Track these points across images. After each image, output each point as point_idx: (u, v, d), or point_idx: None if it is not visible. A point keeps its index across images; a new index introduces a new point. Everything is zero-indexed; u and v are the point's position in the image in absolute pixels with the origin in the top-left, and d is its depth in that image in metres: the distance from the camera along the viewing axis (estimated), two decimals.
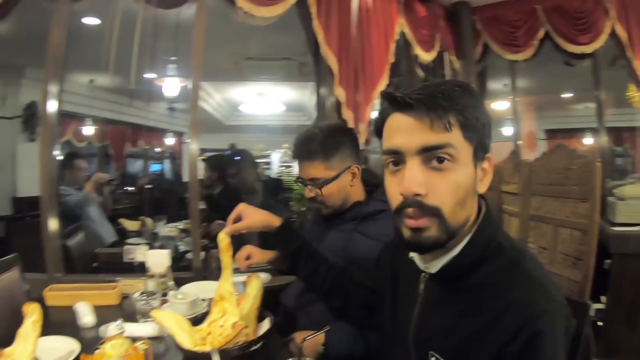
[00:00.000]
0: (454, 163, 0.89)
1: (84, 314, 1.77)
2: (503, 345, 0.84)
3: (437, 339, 0.95)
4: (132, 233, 4.07)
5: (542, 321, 0.83)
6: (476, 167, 0.92)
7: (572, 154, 2.57)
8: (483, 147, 0.92)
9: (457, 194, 0.89)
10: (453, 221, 0.90)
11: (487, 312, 0.87)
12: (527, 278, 0.89)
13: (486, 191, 0.97)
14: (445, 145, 0.88)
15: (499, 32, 4.42)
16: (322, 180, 1.70)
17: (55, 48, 2.56)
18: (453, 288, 0.96)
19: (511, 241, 0.98)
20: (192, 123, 2.79)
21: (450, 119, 0.88)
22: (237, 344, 1.38)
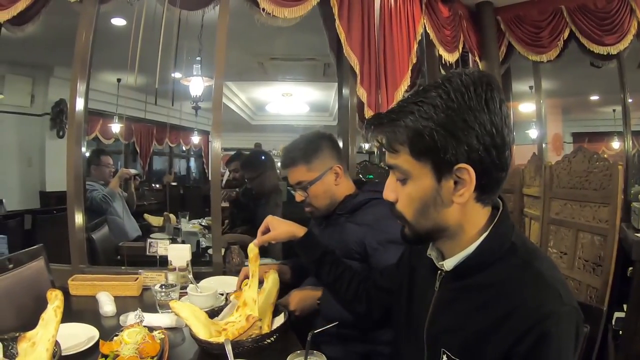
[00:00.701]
0: (408, 179, 0.98)
1: (105, 303, 1.83)
2: (511, 345, 0.85)
3: (448, 336, 0.98)
4: (155, 228, 4.16)
5: (550, 323, 0.84)
6: (440, 181, 0.94)
7: (593, 158, 2.53)
8: (447, 163, 0.92)
9: (412, 205, 0.99)
10: (419, 227, 1.01)
11: (497, 311, 0.89)
12: (538, 279, 0.91)
13: (508, 194, 1.00)
14: (393, 166, 0.99)
15: (522, 32, 4.35)
16: (306, 182, 1.85)
17: (82, 48, 2.62)
18: (466, 286, 0.98)
19: (525, 242, 1.00)
20: (215, 122, 2.83)
21: (394, 145, 0.97)
22: (251, 337, 1.42)
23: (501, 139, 0.91)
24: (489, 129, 0.90)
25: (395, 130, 0.95)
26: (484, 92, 0.91)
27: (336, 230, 1.85)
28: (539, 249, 1.07)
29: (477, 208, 0.98)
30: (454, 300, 1.00)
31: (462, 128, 0.90)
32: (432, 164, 0.93)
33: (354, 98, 3.23)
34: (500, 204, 1.02)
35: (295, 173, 1.87)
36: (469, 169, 0.91)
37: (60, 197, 5.39)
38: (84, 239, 2.66)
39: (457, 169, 0.92)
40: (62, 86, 6.08)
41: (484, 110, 0.90)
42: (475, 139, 0.90)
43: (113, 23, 4.35)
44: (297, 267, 2.05)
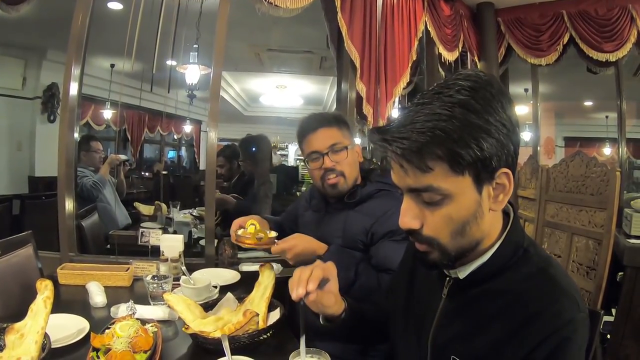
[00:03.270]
0: (446, 198, 0.85)
1: (96, 294, 1.79)
2: (529, 352, 0.84)
3: (459, 343, 0.95)
4: (145, 217, 4.11)
5: (569, 330, 0.83)
6: (481, 191, 0.86)
7: (590, 162, 2.54)
8: (488, 168, 0.84)
9: (452, 226, 0.88)
10: (452, 248, 0.90)
11: (513, 319, 0.87)
12: (554, 287, 0.88)
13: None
14: (427, 188, 0.85)
15: (522, 35, 4.37)
16: (342, 144, 1.75)
17: (78, 31, 2.57)
18: (477, 293, 0.95)
19: (537, 248, 0.97)
20: (212, 112, 2.80)
21: (427, 163, 0.82)
22: (247, 332, 1.39)
23: (517, 136, 0.87)
24: (517, 132, 0.86)
25: (432, 141, 0.81)
26: (497, 93, 0.85)
27: (339, 219, 1.79)
28: (551, 255, 1.05)
29: (497, 216, 0.94)
30: (465, 308, 0.96)
31: (503, 132, 0.83)
32: (474, 175, 0.84)
33: (352, 92, 3.23)
34: (510, 210, 0.99)
35: (330, 133, 1.75)
36: (509, 172, 0.86)
37: (50, 183, 5.36)
38: (73, 226, 2.62)
39: (498, 174, 0.86)
40: (54, 70, 5.98)
41: (514, 113, 0.87)
42: (511, 143, 0.85)
43: (109, 7, 4.28)
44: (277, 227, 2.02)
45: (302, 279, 1.11)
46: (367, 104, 3.20)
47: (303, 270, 1.14)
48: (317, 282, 1.11)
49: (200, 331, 1.35)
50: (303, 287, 1.09)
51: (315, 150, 1.75)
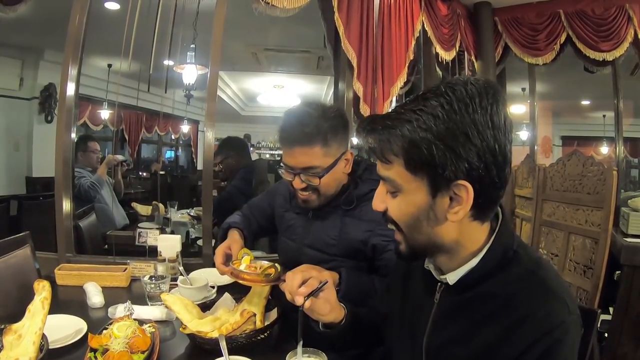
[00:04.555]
0: (399, 192, 0.93)
1: (93, 294, 1.79)
2: (520, 354, 0.85)
3: (452, 347, 0.95)
4: (143, 217, 4.11)
5: (559, 332, 0.84)
6: (435, 197, 0.89)
7: (587, 162, 2.55)
8: (445, 179, 0.86)
9: (404, 217, 0.94)
10: (413, 242, 0.96)
11: (506, 322, 0.88)
12: (544, 288, 0.89)
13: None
14: (385, 178, 0.94)
15: (519, 34, 4.38)
16: (320, 169, 1.54)
17: (75, 31, 2.56)
18: (470, 297, 0.95)
19: (527, 249, 0.98)
20: (209, 112, 2.79)
21: (387, 155, 0.91)
22: (245, 332, 1.39)
23: (503, 157, 0.87)
24: (492, 145, 0.85)
25: (390, 139, 0.89)
26: (490, 105, 0.85)
27: (332, 225, 1.64)
28: (542, 256, 1.06)
29: (474, 226, 0.94)
30: (457, 312, 0.97)
31: (464, 143, 0.84)
32: (428, 179, 0.88)
33: (349, 92, 3.22)
34: (499, 213, 0.99)
35: (307, 154, 1.52)
36: (468, 186, 0.86)
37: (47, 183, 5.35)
38: (71, 226, 2.61)
39: (454, 185, 0.87)
40: (52, 70, 5.97)
41: (488, 126, 0.85)
42: (476, 156, 0.84)
43: (106, 7, 4.28)
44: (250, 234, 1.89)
45: (295, 284, 1.15)
46: (364, 103, 3.20)
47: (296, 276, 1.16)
48: (311, 288, 1.14)
49: (197, 331, 1.35)
50: (298, 295, 1.12)
51: (288, 164, 1.58)
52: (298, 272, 1.18)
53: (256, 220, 1.96)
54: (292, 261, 1.64)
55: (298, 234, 1.75)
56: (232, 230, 1.84)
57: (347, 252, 1.61)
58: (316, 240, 1.67)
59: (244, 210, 2.01)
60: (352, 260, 1.61)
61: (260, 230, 1.97)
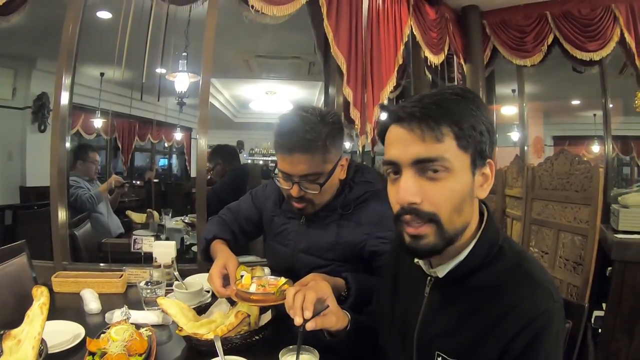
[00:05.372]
0: (448, 173, 0.91)
1: (90, 301, 1.81)
2: (508, 342, 0.89)
3: (443, 339, 0.99)
4: (138, 225, 4.13)
5: (544, 319, 0.88)
6: (474, 174, 0.94)
7: (575, 160, 2.60)
8: (482, 154, 0.93)
9: (452, 200, 0.92)
10: (450, 227, 0.93)
11: (492, 313, 0.92)
12: (528, 280, 0.93)
13: (490, 195, 1.01)
14: (437, 158, 0.90)
15: (507, 36, 4.46)
16: (319, 176, 1.51)
17: (68, 41, 2.59)
18: (458, 291, 0.99)
19: (512, 244, 1.02)
20: (201, 119, 2.82)
21: (442, 130, 0.90)
22: (239, 333, 1.42)
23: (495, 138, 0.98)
24: (493, 131, 0.96)
25: (445, 116, 0.90)
26: (480, 100, 0.97)
27: (329, 230, 1.62)
28: (526, 250, 1.10)
29: (476, 206, 1.01)
30: (446, 305, 1.01)
31: (491, 129, 0.95)
32: (472, 156, 0.93)
33: (340, 97, 3.27)
34: (485, 210, 1.04)
35: (308, 162, 1.47)
36: (492, 164, 0.95)
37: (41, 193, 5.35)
38: (67, 235, 2.63)
39: (487, 163, 0.95)
40: (44, 79, 6.00)
41: (487, 114, 0.95)
42: (494, 139, 0.96)
43: (98, 16, 4.30)
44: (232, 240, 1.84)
45: (297, 306, 1.12)
46: (355, 108, 3.24)
47: (297, 295, 1.15)
48: (312, 307, 1.12)
49: (193, 333, 1.38)
50: (300, 315, 1.11)
51: (286, 172, 1.52)
52: (300, 293, 1.16)
53: (239, 225, 1.88)
54: (284, 267, 1.68)
55: (291, 239, 1.70)
56: (219, 243, 1.78)
57: (344, 256, 1.60)
58: (311, 246, 1.64)
59: (224, 214, 1.93)
60: (349, 264, 1.59)
61: (243, 236, 1.91)
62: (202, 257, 1.85)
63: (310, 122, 1.48)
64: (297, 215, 1.69)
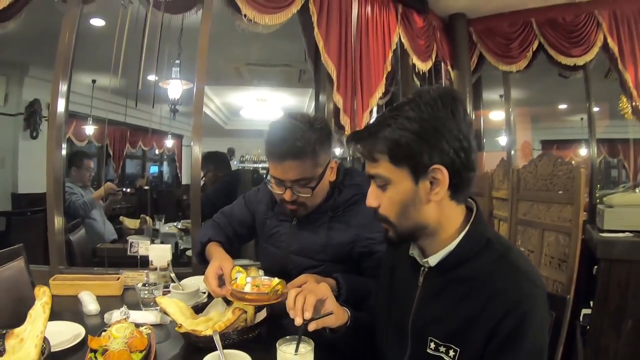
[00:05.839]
0: (390, 185, 1.08)
1: (89, 302, 1.85)
2: (495, 325, 0.98)
3: (435, 325, 1.08)
4: (131, 231, 4.15)
5: (527, 303, 0.98)
6: (418, 183, 1.05)
7: (557, 162, 2.69)
8: (423, 166, 1.03)
9: (394, 207, 1.09)
10: (401, 227, 1.11)
11: (480, 299, 1.01)
12: (513, 268, 1.04)
13: (478, 197, 1.09)
14: (374, 175, 1.10)
15: (493, 43, 4.56)
16: (311, 180, 1.58)
17: (64, 48, 2.62)
18: (449, 280, 1.09)
19: (499, 238, 1.13)
20: (195, 127, 2.86)
21: (374, 155, 1.08)
22: (236, 329, 1.47)
23: (468, 142, 1.05)
24: (456, 134, 1.03)
25: (375, 142, 1.07)
26: (450, 103, 1.04)
27: (319, 232, 1.67)
28: (512, 243, 1.18)
29: (452, 206, 1.10)
30: (438, 293, 1.10)
31: (434, 134, 1.02)
32: (410, 168, 1.05)
33: (330, 104, 3.32)
34: (474, 206, 1.14)
35: (298, 167, 1.54)
36: (442, 169, 1.03)
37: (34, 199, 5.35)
38: (63, 240, 2.65)
39: (432, 169, 1.03)
40: (37, 86, 6.01)
41: (451, 119, 1.03)
42: (445, 143, 1.02)
43: (92, 23, 4.33)
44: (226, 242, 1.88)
45: (298, 307, 1.18)
46: (345, 114, 3.30)
47: (298, 297, 1.20)
48: (312, 309, 1.17)
49: (192, 330, 1.42)
50: (300, 316, 1.16)
51: (279, 178, 1.59)
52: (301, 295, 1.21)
53: (233, 228, 1.94)
54: (277, 268, 1.72)
55: (283, 241, 1.76)
56: (214, 245, 1.82)
57: (335, 257, 1.65)
58: (303, 247, 1.69)
59: (218, 218, 1.99)
60: (341, 265, 1.64)
61: (236, 239, 1.96)
62: (198, 260, 1.91)
63: (299, 129, 1.55)
64: (289, 217, 1.75)
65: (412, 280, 1.17)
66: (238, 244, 2.02)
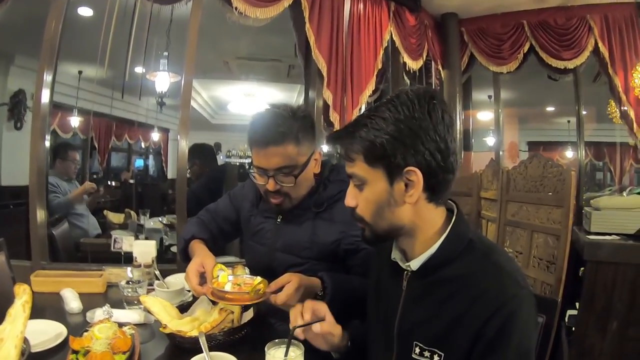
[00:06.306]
0: (366, 185, 1.07)
1: (71, 300, 1.79)
2: (480, 327, 0.96)
3: (420, 329, 1.07)
4: (115, 225, 4.08)
5: (513, 304, 0.96)
6: (393, 185, 1.04)
7: (548, 164, 2.70)
8: (397, 167, 1.02)
9: (370, 208, 1.08)
10: (377, 227, 1.10)
11: (464, 300, 0.99)
12: (497, 269, 1.02)
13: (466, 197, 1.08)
14: (351, 174, 1.10)
15: (485, 44, 4.56)
16: (294, 168, 1.56)
17: (50, 37, 2.56)
18: (432, 282, 1.07)
19: (481, 238, 1.11)
20: (183, 120, 2.82)
21: (350, 154, 1.08)
22: (223, 330, 1.44)
23: (445, 144, 1.02)
24: (432, 136, 1.01)
25: (352, 141, 1.06)
26: (427, 104, 1.02)
27: (304, 229, 1.65)
28: (496, 244, 1.18)
29: (430, 208, 1.08)
30: (422, 296, 1.08)
31: (409, 135, 1.00)
32: (384, 169, 1.03)
33: (320, 100, 3.30)
34: (454, 207, 1.13)
35: (281, 154, 1.53)
36: (417, 171, 1.01)
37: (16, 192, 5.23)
38: (45, 235, 2.60)
39: (406, 171, 1.02)
40: (22, 76, 5.87)
41: (427, 120, 1.01)
42: (420, 145, 1.00)
43: (80, 13, 4.24)
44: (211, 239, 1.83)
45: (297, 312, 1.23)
46: (334, 111, 3.28)
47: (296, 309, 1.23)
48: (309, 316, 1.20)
49: (177, 330, 1.39)
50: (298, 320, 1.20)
51: (261, 167, 1.57)
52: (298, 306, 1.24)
53: (217, 225, 1.90)
54: (262, 265, 1.69)
55: (268, 238, 1.73)
56: (197, 242, 1.78)
57: (320, 254, 1.63)
58: (288, 244, 1.67)
59: (203, 215, 1.95)
60: (326, 262, 1.62)
61: (221, 236, 1.92)
62: (181, 258, 1.85)
63: (281, 116, 1.56)
64: (273, 214, 1.73)
65: (395, 285, 1.16)
66: (223, 241, 1.99)
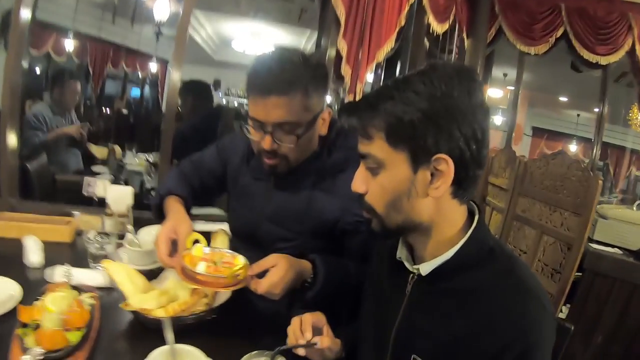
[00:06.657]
0: (383, 169, 0.91)
1: (32, 252, 1.60)
2: (495, 355, 0.83)
3: (421, 341, 0.94)
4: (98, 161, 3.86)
5: (535, 333, 0.83)
6: (417, 171, 0.88)
7: (573, 165, 2.55)
8: (426, 152, 0.86)
9: (384, 196, 0.92)
10: (389, 221, 0.94)
11: (478, 317, 0.86)
12: (521, 287, 0.88)
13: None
14: (366, 154, 0.92)
15: (516, 20, 4.30)
16: (297, 126, 1.30)
17: None
18: (441, 291, 0.93)
19: (502, 247, 0.96)
20: (177, 52, 2.62)
21: (369, 130, 0.90)
22: (193, 314, 1.25)
23: (482, 133, 0.87)
24: (470, 120, 0.86)
25: (373, 115, 0.89)
26: (468, 84, 0.87)
27: (298, 197, 1.42)
28: (515, 254, 1.04)
29: (453, 205, 0.93)
30: (429, 305, 0.95)
31: (444, 116, 0.85)
32: (409, 152, 0.88)
33: (332, 50, 3.08)
34: (475, 209, 0.98)
35: (285, 106, 1.25)
36: (448, 160, 0.86)
37: None
38: (16, 166, 2.40)
39: (435, 159, 0.86)
40: None
41: (467, 102, 0.86)
42: (457, 129, 0.85)
43: None
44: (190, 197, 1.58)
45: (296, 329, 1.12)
46: (347, 64, 3.07)
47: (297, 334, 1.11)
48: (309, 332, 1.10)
49: (141, 309, 1.21)
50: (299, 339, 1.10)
51: (258, 119, 1.30)
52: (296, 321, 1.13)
53: (200, 179, 1.65)
54: (247, 233, 1.52)
55: (256, 203, 1.50)
56: (173, 200, 1.52)
57: (313, 230, 1.41)
58: (278, 214, 1.45)
59: (185, 167, 1.70)
60: (318, 240, 1.42)
61: (204, 192, 1.68)
62: (155, 214, 1.60)
63: (291, 61, 1.28)
64: (265, 176, 1.47)
65: (398, 287, 1.01)
66: (205, 198, 1.73)
